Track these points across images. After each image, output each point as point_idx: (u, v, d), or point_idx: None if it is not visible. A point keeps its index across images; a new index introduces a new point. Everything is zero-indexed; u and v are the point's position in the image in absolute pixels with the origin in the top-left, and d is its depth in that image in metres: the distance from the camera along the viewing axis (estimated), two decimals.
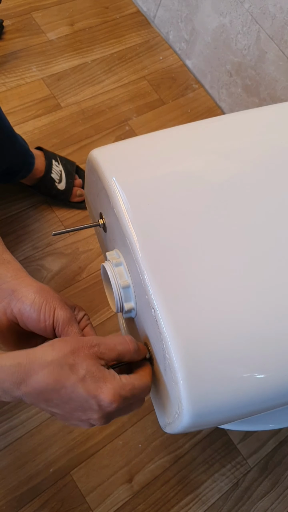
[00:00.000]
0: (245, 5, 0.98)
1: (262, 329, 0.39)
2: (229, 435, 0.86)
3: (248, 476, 0.84)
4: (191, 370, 0.37)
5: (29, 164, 0.89)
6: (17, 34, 1.19)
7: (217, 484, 0.82)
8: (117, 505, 0.78)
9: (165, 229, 0.41)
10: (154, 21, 1.29)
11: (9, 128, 0.80)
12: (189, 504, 0.80)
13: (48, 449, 0.79)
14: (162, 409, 0.44)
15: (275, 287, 0.41)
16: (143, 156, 0.46)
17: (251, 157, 0.47)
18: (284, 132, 0.50)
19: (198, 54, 1.20)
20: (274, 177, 0.46)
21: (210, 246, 0.41)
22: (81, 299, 0.92)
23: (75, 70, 1.18)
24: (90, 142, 1.09)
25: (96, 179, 0.47)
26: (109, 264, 0.45)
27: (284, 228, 0.43)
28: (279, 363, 0.39)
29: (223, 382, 0.38)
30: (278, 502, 0.83)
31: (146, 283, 0.39)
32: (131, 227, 0.41)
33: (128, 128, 1.13)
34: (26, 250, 0.94)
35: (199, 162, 0.46)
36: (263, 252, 0.42)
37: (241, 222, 0.43)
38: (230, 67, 1.11)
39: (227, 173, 0.46)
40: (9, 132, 0.80)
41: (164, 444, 0.83)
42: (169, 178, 0.44)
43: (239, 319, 0.39)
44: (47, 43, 1.20)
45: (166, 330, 0.37)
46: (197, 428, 0.41)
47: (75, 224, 0.99)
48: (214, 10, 1.07)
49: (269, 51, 0.98)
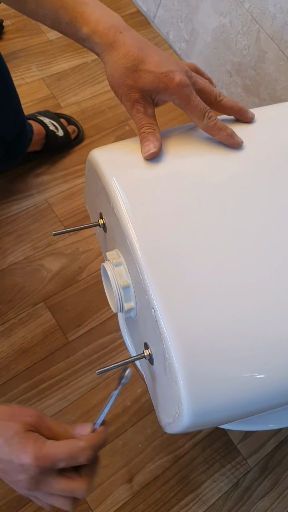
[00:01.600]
0: (245, 5, 0.98)
1: (262, 329, 0.39)
2: (229, 435, 0.86)
3: (248, 476, 0.84)
4: (191, 370, 0.37)
5: (30, 128, 0.95)
6: (17, 34, 1.19)
7: (217, 484, 0.82)
8: (117, 505, 0.78)
9: (165, 229, 0.41)
10: (154, 21, 1.29)
11: (17, 102, 0.86)
12: (189, 504, 0.80)
13: None
14: (162, 409, 0.44)
15: (276, 287, 0.41)
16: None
17: (251, 156, 0.47)
18: (284, 132, 0.50)
19: (198, 54, 1.20)
20: (274, 177, 0.46)
21: (210, 246, 0.41)
22: (81, 299, 0.92)
23: (75, 70, 1.18)
24: (90, 142, 1.09)
25: (96, 179, 0.47)
26: (109, 264, 0.45)
27: (284, 228, 0.43)
28: (279, 363, 0.39)
29: (223, 382, 0.38)
30: (278, 502, 0.83)
31: (146, 283, 0.39)
32: (131, 227, 0.41)
33: (128, 128, 1.13)
34: (26, 250, 0.94)
35: (199, 162, 0.46)
36: (263, 252, 0.42)
37: (241, 222, 0.43)
38: (230, 67, 1.11)
39: (227, 172, 0.46)
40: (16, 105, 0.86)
41: (164, 444, 0.83)
42: (169, 178, 0.44)
43: (239, 319, 0.39)
44: (47, 43, 1.20)
45: (166, 330, 0.37)
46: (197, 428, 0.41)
47: (75, 224, 0.99)
48: (214, 10, 1.07)
49: (269, 51, 0.98)
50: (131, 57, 0.43)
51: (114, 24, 0.43)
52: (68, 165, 1.05)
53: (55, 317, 0.89)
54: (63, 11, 0.43)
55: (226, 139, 0.46)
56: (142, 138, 0.45)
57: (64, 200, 1.01)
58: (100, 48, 0.44)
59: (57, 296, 0.91)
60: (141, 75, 0.43)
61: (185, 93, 0.44)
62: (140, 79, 0.43)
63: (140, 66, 0.43)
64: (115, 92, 0.45)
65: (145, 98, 0.45)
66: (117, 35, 0.43)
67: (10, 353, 0.85)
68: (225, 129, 0.46)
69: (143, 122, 0.46)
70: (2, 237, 0.94)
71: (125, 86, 0.44)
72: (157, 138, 0.45)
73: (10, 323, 0.87)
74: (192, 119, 0.46)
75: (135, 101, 0.45)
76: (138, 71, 0.43)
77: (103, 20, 0.43)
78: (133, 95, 0.44)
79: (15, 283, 0.91)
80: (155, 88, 0.44)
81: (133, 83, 0.44)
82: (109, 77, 0.45)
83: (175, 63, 0.45)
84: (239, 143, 0.47)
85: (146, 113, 0.46)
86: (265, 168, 0.47)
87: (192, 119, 0.46)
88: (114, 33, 0.43)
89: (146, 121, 0.46)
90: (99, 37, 0.43)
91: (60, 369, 0.85)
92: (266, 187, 0.46)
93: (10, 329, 0.87)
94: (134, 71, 0.43)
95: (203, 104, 0.46)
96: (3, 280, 0.91)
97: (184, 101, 0.45)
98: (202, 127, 0.46)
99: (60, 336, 0.88)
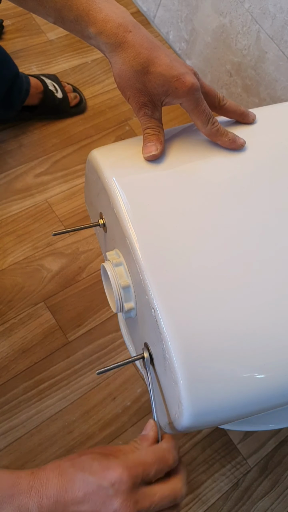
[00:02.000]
0: (245, 5, 0.98)
1: (262, 329, 0.39)
2: (229, 435, 0.86)
3: (248, 476, 0.84)
4: (191, 370, 0.37)
5: (27, 80, 1.00)
6: (17, 34, 1.19)
7: (217, 484, 0.82)
8: None
9: (165, 229, 0.41)
10: (154, 21, 1.29)
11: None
12: (189, 504, 0.80)
13: (48, 449, 0.79)
14: (162, 409, 0.44)
15: (276, 287, 0.41)
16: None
17: (252, 157, 0.47)
18: (284, 132, 0.50)
19: (198, 54, 1.20)
20: (274, 177, 0.46)
21: (210, 246, 0.41)
22: (81, 299, 0.92)
23: (75, 70, 1.18)
24: (90, 142, 1.09)
25: (96, 179, 0.47)
26: (109, 264, 0.45)
27: (285, 229, 0.43)
28: (279, 363, 0.39)
29: (223, 382, 0.38)
30: (278, 502, 0.83)
31: (146, 283, 0.39)
32: (131, 227, 0.41)
33: (128, 128, 1.13)
34: (26, 250, 0.94)
35: (199, 162, 0.46)
36: (264, 252, 0.42)
37: (242, 222, 0.43)
38: (230, 67, 1.11)
39: (227, 172, 0.46)
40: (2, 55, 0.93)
41: None
42: (169, 178, 0.44)
43: (239, 319, 0.39)
44: (47, 43, 1.20)
45: (166, 330, 0.37)
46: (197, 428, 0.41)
47: (75, 224, 0.99)
48: (214, 10, 1.07)
49: (269, 51, 0.98)
50: (141, 59, 0.41)
51: (123, 23, 0.41)
52: (68, 165, 1.05)
53: (55, 317, 0.89)
54: (67, 9, 0.41)
55: (228, 144, 0.46)
56: (145, 138, 0.45)
57: (64, 200, 1.01)
58: (108, 48, 0.42)
59: (57, 296, 0.91)
60: (150, 79, 0.42)
61: (195, 97, 0.44)
62: (150, 83, 0.42)
63: (150, 69, 0.42)
64: (122, 93, 0.45)
65: (153, 101, 0.44)
66: (126, 35, 0.41)
67: (10, 353, 0.85)
68: (227, 134, 0.46)
69: (148, 124, 0.45)
70: (2, 237, 0.95)
71: (134, 89, 0.43)
72: (161, 141, 0.45)
73: (10, 323, 0.87)
74: (196, 122, 0.46)
75: (143, 104, 0.44)
76: (147, 73, 0.42)
77: (110, 19, 0.41)
78: (142, 98, 0.44)
79: (15, 283, 0.91)
80: (165, 92, 0.43)
81: (142, 86, 0.43)
82: (117, 78, 0.44)
83: (184, 65, 0.44)
84: (241, 146, 0.47)
85: (153, 116, 0.45)
86: (266, 168, 0.47)
87: (196, 122, 0.46)
88: (123, 33, 0.41)
89: (152, 124, 0.45)
90: (107, 37, 0.41)
91: (60, 369, 0.85)
92: (267, 187, 0.46)
93: (10, 329, 0.87)
94: (143, 74, 0.42)
95: (209, 110, 0.45)
96: (3, 280, 0.91)
97: (192, 105, 0.44)
98: (204, 132, 0.46)
99: (60, 336, 0.88)
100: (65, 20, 0.43)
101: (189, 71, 0.44)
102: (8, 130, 1.06)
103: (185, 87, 0.43)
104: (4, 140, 1.05)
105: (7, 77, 0.94)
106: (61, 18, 0.43)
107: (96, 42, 0.43)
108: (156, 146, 0.45)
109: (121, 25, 0.41)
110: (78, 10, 0.41)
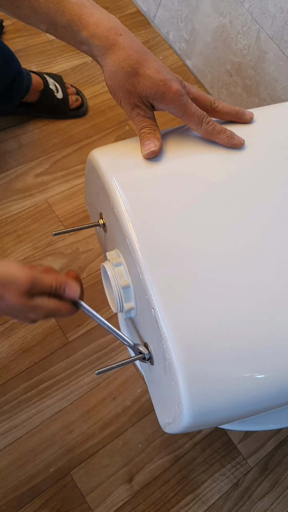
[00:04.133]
0: (245, 5, 0.98)
1: (262, 329, 0.39)
2: (229, 435, 0.86)
3: (248, 476, 0.84)
4: (191, 370, 0.37)
5: (28, 77, 1.00)
6: (17, 34, 1.19)
7: (217, 484, 0.82)
8: (117, 505, 0.78)
9: (165, 229, 0.41)
10: (154, 21, 1.29)
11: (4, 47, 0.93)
12: (189, 504, 0.80)
13: (48, 449, 0.79)
14: (162, 409, 0.44)
15: (276, 287, 0.41)
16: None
17: (251, 156, 0.47)
18: (284, 132, 0.50)
19: (198, 54, 1.20)
20: (274, 177, 0.46)
21: (210, 246, 0.41)
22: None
23: (75, 70, 1.18)
24: (90, 142, 1.09)
25: (96, 179, 0.47)
26: (109, 264, 0.45)
27: (285, 228, 0.43)
28: (279, 363, 0.39)
29: (223, 382, 0.38)
30: (278, 502, 0.83)
31: (146, 283, 0.39)
32: (131, 227, 0.41)
33: (128, 128, 1.13)
34: (26, 250, 0.94)
35: (198, 162, 0.46)
36: (264, 252, 0.42)
37: (241, 222, 0.43)
38: (230, 67, 1.11)
39: (227, 172, 0.46)
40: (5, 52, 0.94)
41: (164, 444, 0.83)
42: (169, 178, 0.44)
43: (239, 319, 0.39)
44: (47, 43, 1.20)
45: (166, 330, 0.37)
46: (197, 428, 0.41)
47: (75, 224, 0.99)
48: (214, 10, 1.07)
49: (269, 51, 0.98)
50: (131, 60, 0.43)
51: (114, 27, 0.43)
52: (68, 165, 1.05)
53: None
54: (60, 14, 0.43)
55: (227, 141, 0.46)
56: (142, 137, 0.46)
57: (64, 200, 1.01)
58: (99, 51, 0.44)
59: None
60: (140, 80, 0.43)
61: (181, 102, 0.45)
62: (139, 84, 0.43)
63: (140, 70, 0.43)
64: (113, 95, 0.46)
65: (143, 103, 0.45)
66: (117, 38, 0.43)
67: (10, 353, 0.85)
68: (224, 132, 0.46)
69: (143, 124, 0.46)
70: (2, 237, 0.95)
71: (124, 90, 0.44)
72: (158, 138, 0.45)
73: (10, 323, 0.87)
74: (190, 126, 0.47)
75: (135, 105, 0.45)
76: (137, 75, 0.43)
77: (102, 23, 0.43)
78: (132, 99, 0.45)
79: None
80: (153, 94, 0.44)
81: (132, 87, 0.44)
82: (108, 80, 0.45)
83: (171, 72, 0.45)
84: (240, 144, 0.47)
85: (146, 115, 0.46)
86: (265, 168, 0.47)
87: (191, 126, 0.47)
88: (114, 36, 0.43)
89: (147, 123, 0.46)
90: (99, 39, 0.43)
91: (60, 369, 0.85)
92: (266, 186, 0.46)
93: (10, 329, 0.87)
94: (133, 75, 0.43)
95: (200, 111, 0.46)
96: None
97: (181, 110, 0.45)
98: (201, 133, 0.47)
99: (60, 336, 0.88)
100: (57, 26, 0.44)
101: (175, 78, 0.45)
102: (8, 130, 1.06)
103: (171, 93, 0.44)
104: (4, 140, 1.05)
105: (9, 74, 0.95)
106: (54, 24, 0.44)
107: (88, 47, 0.44)
108: (154, 143, 0.45)
109: (112, 29, 0.43)
110: (70, 14, 0.42)
